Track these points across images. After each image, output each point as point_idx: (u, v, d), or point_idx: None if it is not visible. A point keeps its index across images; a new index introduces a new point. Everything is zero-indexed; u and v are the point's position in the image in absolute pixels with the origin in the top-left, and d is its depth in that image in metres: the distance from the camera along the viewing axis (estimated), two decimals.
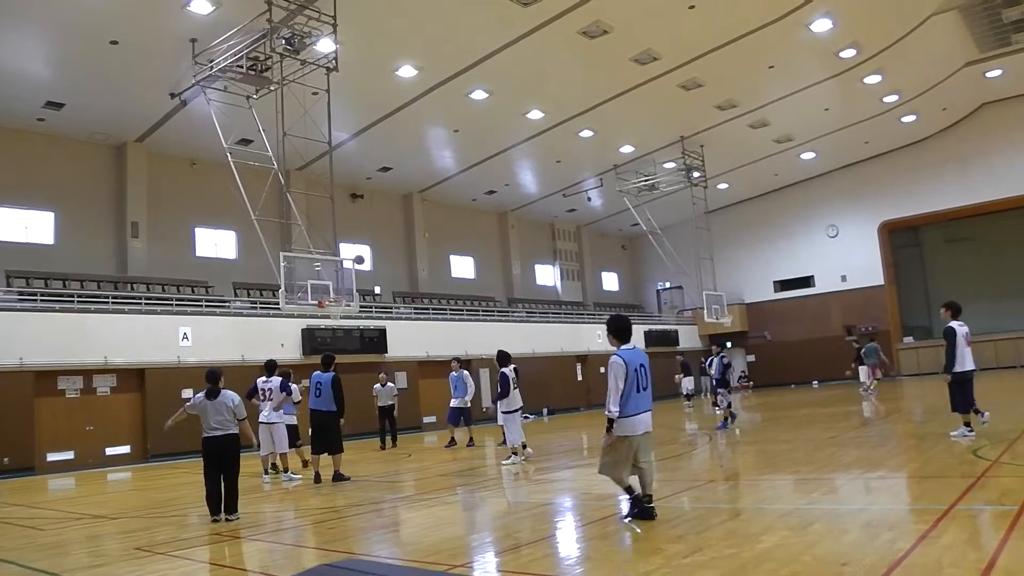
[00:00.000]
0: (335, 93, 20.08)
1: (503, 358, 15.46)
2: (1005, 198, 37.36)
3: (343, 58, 19.92)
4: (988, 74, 33.85)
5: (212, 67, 20.20)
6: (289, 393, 14.68)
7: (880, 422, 18.02)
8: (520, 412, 15.34)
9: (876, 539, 6.43)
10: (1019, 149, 37.26)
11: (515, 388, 15.25)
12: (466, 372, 19.73)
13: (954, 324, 12.88)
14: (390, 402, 20.90)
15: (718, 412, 20.16)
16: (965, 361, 12.74)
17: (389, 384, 21.24)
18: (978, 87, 35.46)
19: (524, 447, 15.08)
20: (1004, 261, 39.25)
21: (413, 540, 8.33)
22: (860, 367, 28.98)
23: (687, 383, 31.08)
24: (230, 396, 10.11)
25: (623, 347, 7.99)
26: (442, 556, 7.03)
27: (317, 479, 13.68)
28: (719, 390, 19.60)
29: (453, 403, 19.59)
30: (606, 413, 7.80)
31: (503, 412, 15.27)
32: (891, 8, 26.02)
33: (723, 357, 20.11)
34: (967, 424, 12.75)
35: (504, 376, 15.21)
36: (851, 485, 9.83)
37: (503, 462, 14.81)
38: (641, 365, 7.93)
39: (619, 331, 8.14)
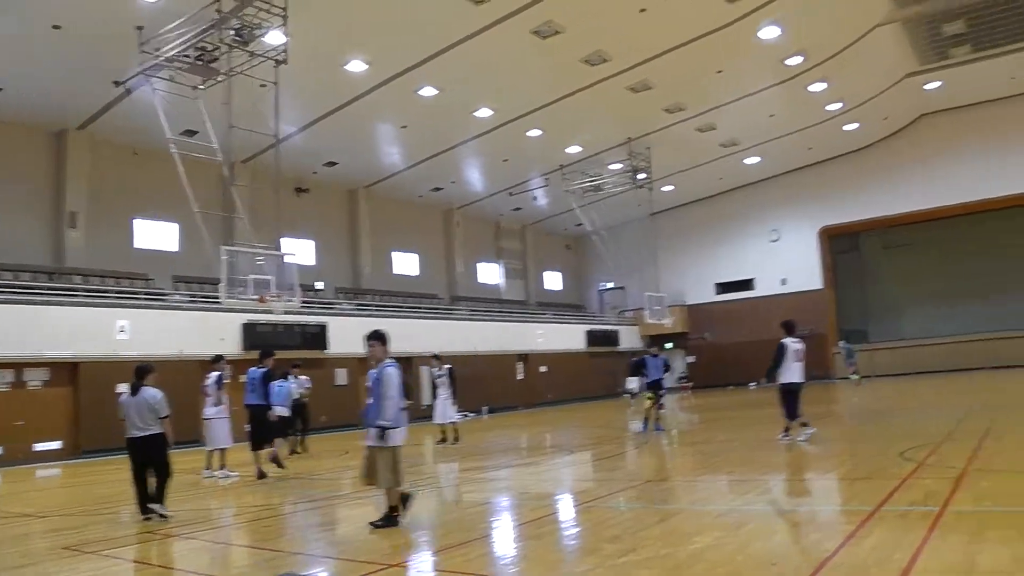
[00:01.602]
0: (283, 86, 19.77)
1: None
2: (942, 206, 38.17)
3: (292, 50, 19.63)
4: (927, 86, 34.59)
5: (158, 56, 19.78)
6: (220, 388, 14.30)
7: (814, 424, 18.27)
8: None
9: (805, 539, 6.57)
10: (956, 159, 38.13)
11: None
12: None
13: (787, 340, 13.76)
14: (300, 397, 18.91)
15: (662, 412, 20.11)
16: (792, 374, 13.66)
17: (301, 377, 19.54)
18: (918, 98, 36.21)
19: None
20: (941, 268, 40.11)
21: (349, 539, 8.28)
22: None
23: (635, 382, 31.01)
24: (151, 394, 9.66)
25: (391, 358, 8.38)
26: (378, 555, 7.00)
27: (260, 475, 13.50)
28: (661, 392, 19.49)
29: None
30: (383, 423, 8.10)
31: None
32: (837, 18, 26.43)
33: (664, 359, 20.16)
34: (804, 424, 13.71)
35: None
36: (784, 486, 10.02)
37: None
38: None
39: (388, 341, 8.54)
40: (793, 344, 13.75)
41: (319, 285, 31.85)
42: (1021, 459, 10.10)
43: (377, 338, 8.50)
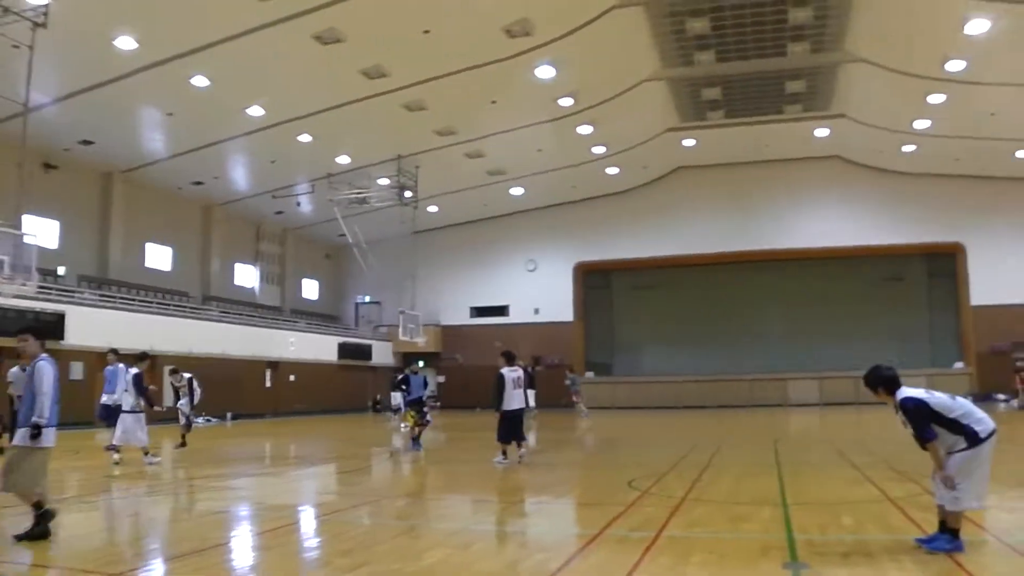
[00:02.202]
0: (40, 51, 18.38)
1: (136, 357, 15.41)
2: (690, 254, 41.46)
3: (55, 14, 18.30)
4: (684, 142, 37.41)
5: None
6: None
7: (556, 450, 19.06)
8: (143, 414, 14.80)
9: (529, 559, 6.92)
10: (704, 211, 41.52)
11: (128, 388, 14.76)
12: (122, 366, 17.84)
13: (505, 370, 14.39)
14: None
15: (404, 429, 20.35)
16: (512, 401, 14.27)
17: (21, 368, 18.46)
18: (675, 152, 38.90)
19: (146, 453, 14.69)
20: (682, 311, 43.11)
21: (66, 544, 7.68)
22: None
23: (397, 398, 30.81)
24: None
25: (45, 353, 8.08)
26: (99, 563, 6.69)
27: None
28: (424, 409, 19.73)
29: (104, 399, 17.82)
30: (36, 419, 7.61)
31: (125, 411, 14.69)
32: (610, 68, 28.01)
33: (423, 377, 20.53)
34: (504, 453, 14.25)
35: (136, 376, 14.76)
36: (518, 508, 10.45)
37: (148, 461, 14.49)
38: None
39: (43, 336, 8.36)
40: (511, 373, 14.30)
41: (61, 270, 29.69)
42: (733, 490, 11.01)
43: (30, 332, 8.15)
